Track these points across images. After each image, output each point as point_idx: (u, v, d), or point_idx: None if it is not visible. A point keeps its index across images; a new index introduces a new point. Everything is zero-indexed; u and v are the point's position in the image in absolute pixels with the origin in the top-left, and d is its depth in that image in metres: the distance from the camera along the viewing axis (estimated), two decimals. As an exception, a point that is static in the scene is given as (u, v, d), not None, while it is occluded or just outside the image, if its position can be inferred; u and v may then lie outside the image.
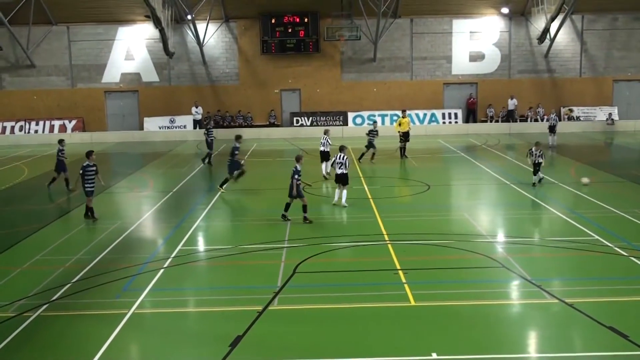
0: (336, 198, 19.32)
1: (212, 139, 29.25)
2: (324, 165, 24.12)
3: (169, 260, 14.14)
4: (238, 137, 22.37)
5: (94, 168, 18.05)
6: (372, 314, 10.90)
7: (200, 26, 40.30)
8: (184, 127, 41.46)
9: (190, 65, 42.00)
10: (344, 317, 10.75)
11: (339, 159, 19.06)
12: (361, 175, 24.90)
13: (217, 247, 15.20)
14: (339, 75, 42.02)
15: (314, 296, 11.71)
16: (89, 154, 18.18)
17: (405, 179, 25.26)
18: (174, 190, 22.81)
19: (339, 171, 18.97)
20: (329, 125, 41.11)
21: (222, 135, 40.22)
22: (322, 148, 24.27)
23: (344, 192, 19.02)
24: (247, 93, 41.91)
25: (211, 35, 41.20)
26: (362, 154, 28.16)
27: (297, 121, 41.50)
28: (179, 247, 15.17)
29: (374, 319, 10.72)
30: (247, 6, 40.13)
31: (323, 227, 16.86)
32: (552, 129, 33.12)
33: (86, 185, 17.85)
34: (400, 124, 29.98)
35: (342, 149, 19.42)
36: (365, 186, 22.45)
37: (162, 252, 14.91)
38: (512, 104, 41.09)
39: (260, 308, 10.97)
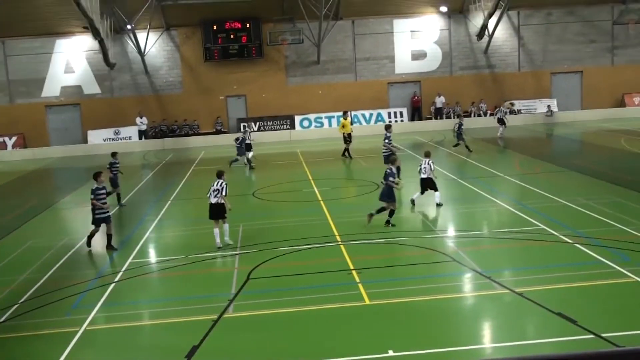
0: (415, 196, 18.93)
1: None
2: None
3: (120, 274, 13.90)
4: (114, 154, 21.85)
5: (104, 191, 16.06)
6: (328, 315, 10.93)
7: (141, 36, 39.72)
8: (129, 138, 40.82)
9: (132, 76, 41.38)
10: (301, 320, 10.76)
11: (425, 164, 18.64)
12: (310, 177, 24.95)
13: (169, 258, 15.02)
14: (284, 80, 42.03)
15: (269, 301, 11.68)
16: (97, 175, 16.13)
17: (354, 179, 25.44)
18: (122, 202, 22.42)
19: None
20: (277, 130, 41.12)
21: (169, 145, 39.82)
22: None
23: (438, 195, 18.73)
24: (192, 101, 41.51)
25: (152, 44, 40.68)
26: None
27: (245, 127, 41.24)
28: (129, 260, 14.92)
29: (330, 320, 10.76)
30: (188, 14, 39.77)
31: (275, 231, 16.83)
32: (501, 121, 34.12)
33: (98, 211, 15.75)
34: (343, 126, 30.14)
35: (427, 154, 19.17)
36: (315, 188, 22.50)
37: (112, 267, 14.65)
38: (439, 101, 41.79)
39: (215, 317, 10.89)
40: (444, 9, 41.63)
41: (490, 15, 39.42)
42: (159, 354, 9.87)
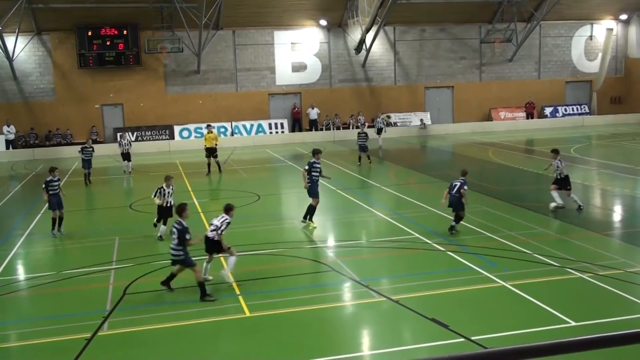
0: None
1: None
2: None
3: (-16, 293, 13.04)
4: None
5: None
6: (208, 329, 10.80)
7: (9, 39, 37.58)
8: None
9: (-1, 81, 39.08)
10: (179, 335, 10.55)
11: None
12: (190, 189, 24.58)
13: (39, 275, 14.27)
14: (163, 88, 41.18)
15: (147, 317, 11.37)
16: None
17: (235, 190, 25.27)
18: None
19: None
20: (156, 140, 40.17)
21: (40, 155, 37.91)
22: None
23: None
24: (65, 109, 39.74)
25: (22, 48, 38.61)
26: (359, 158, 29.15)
27: (120, 136, 39.99)
28: (-5, 277, 14.04)
29: (210, 333, 10.63)
30: (61, 18, 38.07)
31: (152, 244, 16.42)
32: (379, 132, 35.85)
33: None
34: (205, 139, 28.58)
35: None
36: (194, 200, 22.18)
37: (-25, 285, 13.72)
38: (313, 113, 42.61)
39: (88, 335, 10.46)
40: (323, 22, 42.45)
41: (367, 30, 40.61)
42: (27, 376, 9.35)
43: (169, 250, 12.57)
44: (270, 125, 42.35)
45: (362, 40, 41.79)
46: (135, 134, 39.99)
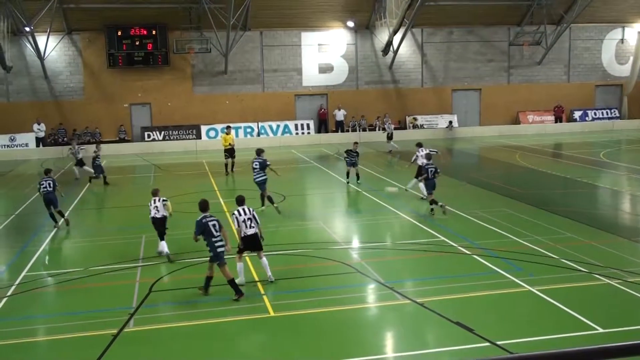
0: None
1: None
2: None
3: (13, 287, 13.26)
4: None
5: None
6: (231, 327, 10.86)
7: (41, 39, 38.17)
8: (26, 145, 39.03)
9: (30, 80, 39.65)
10: (204, 334, 10.63)
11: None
12: (216, 188, 24.72)
13: (67, 271, 14.46)
14: (190, 89, 41.48)
15: (172, 314, 11.48)
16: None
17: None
18: (17, 212, 21.42)
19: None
20: (183, 139, 40.49)
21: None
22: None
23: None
24: (94, 108, 40.21)
25: (53, 48, 39.18)
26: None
27: (149, 136, 40.46)
28: (24, 273, 14.26)
29: (234, 332, 10.68)
30: (91, 18, 38.58)
31: (179, 242, 16.53)
32: (390, 137, 35.49)
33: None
34: (223, 140, 29.27)
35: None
36: (220, 199, 22.30)
37: (4, 280, 13.95)
38: (340, 114, 42.54)
39: (115, 331, 10.58)
40: (351, 24, 42.41)
41: (395, 32, 40.49)
42: (54, 371, 9.49)
43: (196, 249, 12.64)
44: (296, 126, 42.42)
45: (389, 42, 41.67)
46: (162, 133, 40.36)
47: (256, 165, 20.06)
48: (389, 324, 11.06)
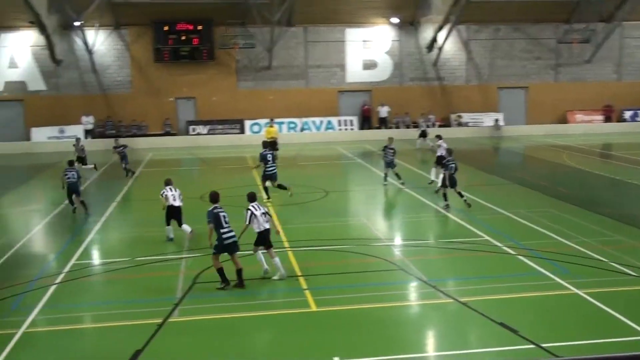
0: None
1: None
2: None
3: (62, 275, 13.58)
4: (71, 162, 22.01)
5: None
6: (273, 321, 10.93)
7: (90, 33, 38.95)
8: (75, 137, 39.87)
9: (79, 73, 40.49)
10: (246, 326, 10.71)
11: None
12: (259, 183, 24.87)
13: (113, 260, 14.75)
14: (234, 83, 41.80)
15: (215, 306, 11.60)
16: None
17: (303, 186, 25.42)
18: (66, 202, 21.88)
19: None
20: (227, 134, 40.83)
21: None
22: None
23: None
24: (141, 101, 40.87)
25: (101, 42, 39.94)
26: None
27: (194, 129, 40.94)
28: (72, 261, 14.59)
29: (276, 326, 10.75)
30: (139, 13, 39.18)
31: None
32: (423, 134, 35.18)
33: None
34: (267, 132, 31.04)
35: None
36: (263, 194, 22.40)
37: (53, 268, 14.30)
38: (383, 111, 42.27)
39: (159, 321, 10.74)
40: (395, 20, 42.15)
41: (440, 29, 40.10)
42: (100, 358, 9.68)
43: (242, 242, 12.75)
44: (339, 122, 42.37)
45: (434, 39, 41.30)
46: (207, 127, 40.79)
47: (269, 157, 21.33)
48: (431, 323, 10.99)
